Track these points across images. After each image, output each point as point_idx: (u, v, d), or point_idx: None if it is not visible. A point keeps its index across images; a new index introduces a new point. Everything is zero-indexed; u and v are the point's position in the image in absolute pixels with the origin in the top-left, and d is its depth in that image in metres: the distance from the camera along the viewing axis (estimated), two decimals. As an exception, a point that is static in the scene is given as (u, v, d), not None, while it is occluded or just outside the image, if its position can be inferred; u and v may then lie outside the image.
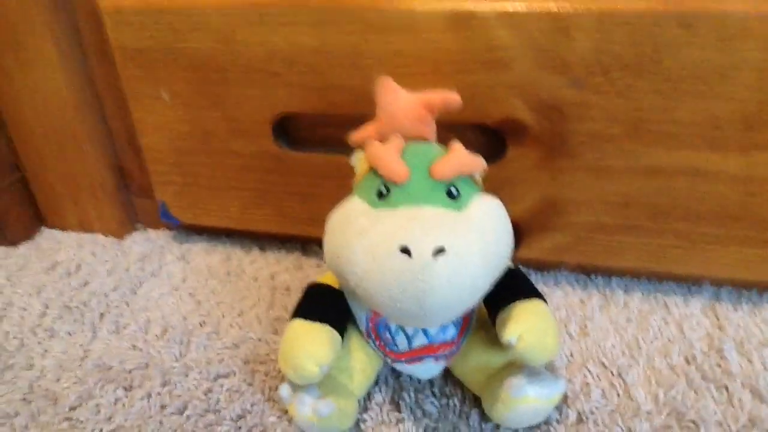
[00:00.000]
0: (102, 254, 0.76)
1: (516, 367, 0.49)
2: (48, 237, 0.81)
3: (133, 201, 0.80)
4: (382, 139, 0.47)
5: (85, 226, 0.81)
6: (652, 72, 0.51)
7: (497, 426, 0.51)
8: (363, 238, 0.42)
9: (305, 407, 0.48)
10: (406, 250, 0.39)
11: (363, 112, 0.51)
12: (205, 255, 0.75)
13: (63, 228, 0.82)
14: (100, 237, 0.80)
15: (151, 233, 0.81)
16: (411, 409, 0.53)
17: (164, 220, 0.74)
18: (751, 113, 0.51)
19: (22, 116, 0.73)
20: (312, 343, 0.47)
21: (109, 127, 0.74)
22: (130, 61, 0.64)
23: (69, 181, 0.77)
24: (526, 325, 0.46)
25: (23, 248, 0.79)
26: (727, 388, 0.53)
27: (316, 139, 0.65)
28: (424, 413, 0.52)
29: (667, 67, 0.51)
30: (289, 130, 0.66)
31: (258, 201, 0.70)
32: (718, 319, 0.60)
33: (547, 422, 0.50)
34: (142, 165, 0.72)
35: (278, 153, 0.65)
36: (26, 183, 0.80)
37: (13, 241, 0.79)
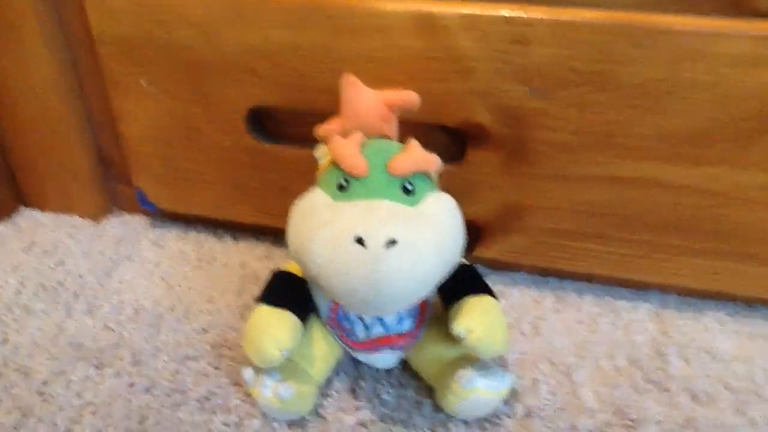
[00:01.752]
0: (79, 236, 0.78)
1: (468, 360, 0.52)
2: (27, 217, 0.82)
3: (113, 186, 0.81)
4: (345, 134, 0.50)
5: (64, 208, 0.82)
6: (610, 87, 0.53)
7: (449, 417, 0.53)
8: (323, 230, 0.44)
9: (267, 390, 0.50)
10: (360, 241, 0.42)
11: (335, 111, 0.53)
12: (179, 241, 0.77)
13: (42, 209, 0.83)
14: (77, 219, 0.81)
15: (128, 218, 0.82)
16: (368, 397, 0.55)
17: (142, 205, 0.76)
18: (702, 130, 0.54)
19: (7, 98, 0.74)
20: (274, 328, 0.49)
21: (92, 113, 0.75)
22: (111, 47, 0.65)
23: (50, 163, 0.78)
24: (476, 320, 0.49)
25: (1, 227, 0.80)
26: (668, 390, 0.56)
27: (291, 136, 0.68)
28: (381, 402, 0.55)
29: (623, 84, 0.53)
30: (265, 125, 0.68)
31: (235, 192, 0.72)
32: (663, 324, 0.64)
33: (496, 415, 0.53)
34: (122, 152, 0.74)
35: (255, 146, 0.67)
36: (8, 163, 0.81)
37: (-8, 220, 0.81)
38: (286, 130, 0.68)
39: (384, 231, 0.42)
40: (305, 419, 0.53)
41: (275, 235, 0.77)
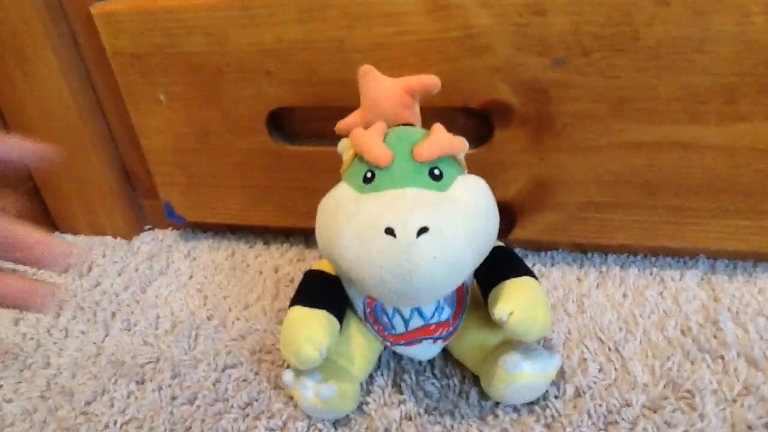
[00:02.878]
0: (112, 255, 0.78)
1: (512, 344, 0.51)
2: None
3: (140, 202, 0.82)
4: (367, 126, 0.48)
5: (95, 230, 0.83)
6: (631, 50, 0.52)
7: (496, 403, 0.52)
8: (351, 223, 0.43)
9: (308, 391, 0.49)
10: (390, 231, 0.41)
11: (353, 105, 0.52)
12: (210, 251, 0.77)
13: (75, 232, 0.84)
14: (109, 239, 0.82)
15: (159, 233, 0.82)
16: (412, 390, 0.54)
17: (170, 219, 0.76)
18: (730, 85, 0.52)
19: (29, 124, 0.75)
20: (310, 329, 0.48)
21: (113, 131, 0.76)
22: (127, 65, 0.66)
23: (78, 186, 0.79)
24: (516, 302, 0.47)
25: (37, 253, 0.80)
26: (722, 358, 0.53)
27: (311, 134, 0.67)
28: (426, 394, 0.54)
29: (646, 44, 0.51)
30: (284, 126, 0.68)
31: (260, 197, 0.71)
32: (713, 291, 0.61)
33: (545, 397, 0.51)
34: (147, 167, 0.74)
35: (276, 148, 0.66)
36: (38, 191, 0.82)
37: (27, 248, 0.81)
38: (305, 128, 0.67)
39: (413, 219, 0.41)
40: (350, 417, 0.52)
41: (306, 236, 0.76)
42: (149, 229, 0.84)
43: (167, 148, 0.71)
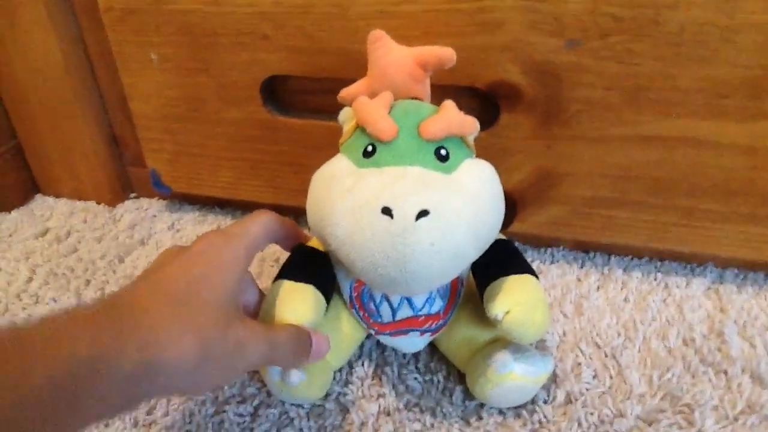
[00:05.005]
0: (93, 222, 0.75)
1: (503, 343, 0.47)
2: (41, 204, 0.80)
3: (127, 169, 0.79)
4: (373, 96, 0.45)
5: (78, 194, 0.80)
6: (651, 35, 0.48)
7: (481, 404, 0.49)
8: (345, 199, 0.40)
9: (275, 374, 0.46)
10: (387, 211, 0.38)
11: (353, 77, 0.49)
12: (195, 225, 0.74)
13: (57, 195, 0.81)
14: (92, 204, 0.79)
15: (144, 202, 0.79)
16: (393, 384, 0.51)
17: (156, 188, 0.73)
18: (755, 79, 0.48)
19: (16, 82, 0.72)
20: (295, 302, 0.45)
21: (102, 92, 0.72)
22: (119, 21, 0.62)
23: (63, 148, 0.76)
24: (514, 300, 0.43)
25: (16, 214, 0.78)
26: (726, 373, 0.50)
27: (307, 107, 0.64)
28: (407, 388, 0.51)
29: (668, 30, 0.48)
30: (279, 96, 0.64)
31: (250, 171, 0.68)
32: (720, 301, 0.58)
33: (533, 402, 0.48)
34: (135, 132, 0.70)
35: (269, 120, 0.63)
36: (21, 150, 0.79)
37: (7, 207, 0.78)
38: (300, 100, 0.64)
39: (414, 200, 0.38)
40: (325, 408, 0.49)
41: (296, 216, 0.73)
42: (134, 197, 0.81)
43: (156, 114, 0.67)
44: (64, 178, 0.79)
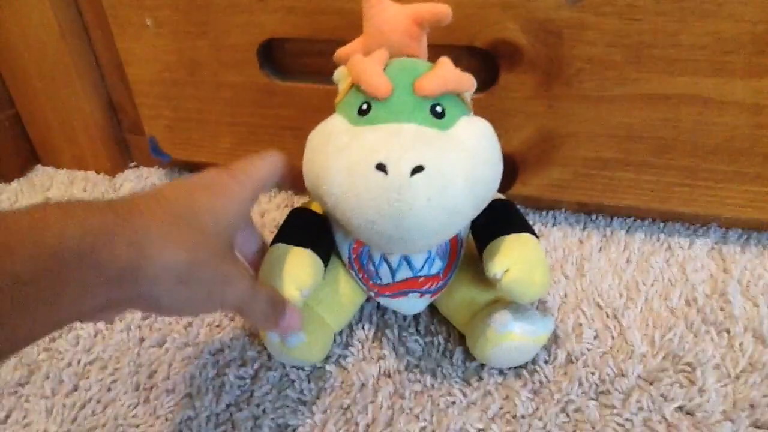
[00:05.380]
0: (92, 191, 0.75)
1: (503, 303, 0.47)
2: (41, 174, 0.80)
3: (125, 137, 0.78)
4: (368, 54, 0.44)
5: (78, 164, 0.79)
6: (654, -11, 0.47)
7: (482, 365, 0.49)
8: (340, 156, 0.39)
9: (274, 335, 0.46)
10: (382, 167, 0.37)
11: (351, 37, 0.48)
12: (195, 192, 0.73)
13: (57, 165, 0.81)
14: (92, 174, 0.78)
15: (144, 170, 0.79)
16: (393, 346, 0.51)
17: (154, 155, 0.73)
18: (761, 34, 0.47)
19: (12, 50, 0.71)
20: (292, 266, 0.44)
21: (98, 58, 0.72)
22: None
23: (62, 116, 0.75)
24: (513, 259, 0.43)
25: (15, 184, 0.77)
26: (728, 332, 0.50)
27: (305, 70, 0.63)
28: (408, 350, 0.51)
29: (671, -17, 0.47)
30: (277, 60, 0.63)
31: (250, 136, 0.67)
32: (723, 262, 0.57)
33: (534, 362, 0.48)
34: (133, 99, 0.70)
35: (268, 84, 0.62)
36: (20, 119, 0.78)
37: (7, 178, 0.78)
38: (297, 62, 0.63)
39: (409, 156, 0.37)
40: (325, 370, 0.49)
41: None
42: (134, 166, 0.80)
43: (154, 79, 0.67)
44: (64, 148, 0.78)
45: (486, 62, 0.55)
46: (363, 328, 0.53)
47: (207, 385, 0.49)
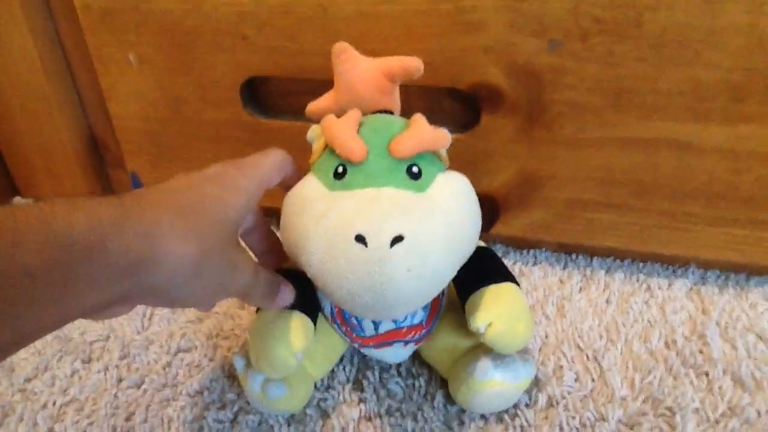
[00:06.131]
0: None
1: (483, 349, 0.47)
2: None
3: (107, 172, 0.78)
4: (341, 110, 0.44)
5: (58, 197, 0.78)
6: (633, 37, 0.48)
7: (463, 409, 0.48)
8: (318, 226, 0.38)
9: (256, 384, 0.46)
10: (361, 239, 0.36)
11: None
12: (177, 227, 0.73)
13: (37, 198, 0.80)
14: (72, 208, 0.78)
15: (125, 204, 0.78)
16: (375, 388, 0.51)
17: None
18: (738, 82, 0.48)
19: (-7, 83, 0.71)
20: (284, 331, 0.44)
21: (81, 94, 0.71)
22: (97, 21, 0.61)
23: (43, 151, 0.75)
24: (496, 312, 0.43)
25: (-6, 217, 0.76)
26: (707, 375, 0.50)
27: (288, 109, 0.63)
28: (389, 393, 0.50)
29: (650, 31, 0.48)
30: (260, 98, 0.64)
31: (232, 173, 0.67)
32: (702, 303, 0.58)
33: (515, 406, 0.48)
34: (115, 134, 0.70)
35: (250, 121, 0.62)
36: (0, 152, 0.78)
37: (-16, 209, 0.77)
38: (281, 101, 0.63)
39: (388, 226, 0.36)
40: (306, 413, 0.49)
41: (279, 218, 0.72)
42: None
43: (136, 115, 0.66)
44: (44, 181, 0.78)
45: (468, 103, 0.56)
46: (344, 370, 0.52)
47: (185, 429, 0.48)
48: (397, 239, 0.36)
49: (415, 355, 0.52)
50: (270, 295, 0.42)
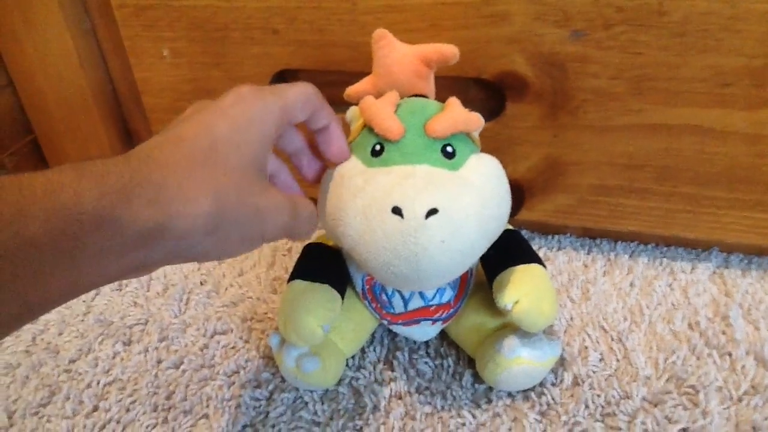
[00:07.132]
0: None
1: (511, 328, 0.49)
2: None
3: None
4: (379, 94, 0.46)
5: (95, 188, 0.81)
6: (656, 26, 0.49)
7: (491, 387, 0.50)
8: (356, 199, 0.40)
9: (291, 360, 0.48)
10: (398, 211, 0.38)
11: (361, 70, 0.50)
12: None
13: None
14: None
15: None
16: (404, 368, 0.52)
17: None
18: (759, 68, 0.49)
19: (32, 78, 0.73)
20: (313, 303, 0.46)
21: (116, 87, 0.74)
22: (131, 17, 0.63)
23: (79, 143, 0.77)
24: (523, 291, 0.45)
25: (33, 208, 0.79)
26: (730, 355, 0.51)
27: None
28: (418, 373, 0.52)
29: (672, 20, 0.49)
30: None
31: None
32: (725, 286, 0.59)
33: (541, 384, 0.50)
34: (149, 126, 0.72)
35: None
36: (38, 145, 0.80)
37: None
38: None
39: (423, 199, 0.38)
40: (338, 392, 0.51)
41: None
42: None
43: (169, 107, 0.68)
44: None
45: (493, 92, 0.57)
46: (374, 350, 0.54)
47: (223, 407, 0.50)
48: (432, 212, 0.38)
49: (444, 336, 0.54)
50: (315, 226, 0.40)
